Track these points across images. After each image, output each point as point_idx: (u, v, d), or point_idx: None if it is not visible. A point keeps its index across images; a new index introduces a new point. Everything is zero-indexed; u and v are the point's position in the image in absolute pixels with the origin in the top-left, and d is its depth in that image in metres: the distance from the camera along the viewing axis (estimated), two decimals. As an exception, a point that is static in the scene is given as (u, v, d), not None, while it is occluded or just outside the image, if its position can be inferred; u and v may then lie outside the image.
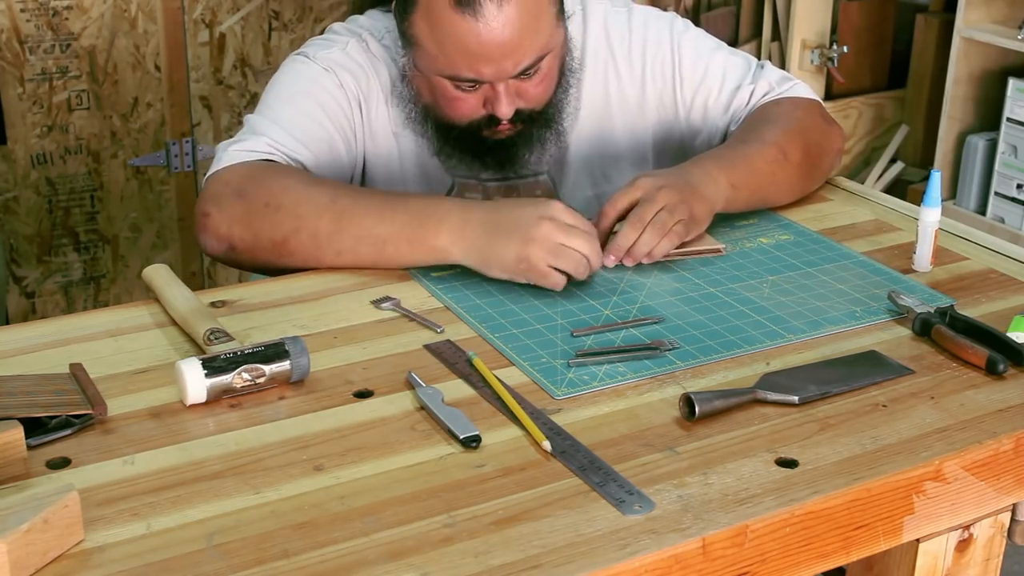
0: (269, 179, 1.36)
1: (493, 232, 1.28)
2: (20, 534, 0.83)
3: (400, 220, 1.31)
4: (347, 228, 1.31)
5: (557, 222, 1.26)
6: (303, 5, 2.98)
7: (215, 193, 1.37)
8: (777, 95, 1.58)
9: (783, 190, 1.51)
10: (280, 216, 1.32)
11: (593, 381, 1.11)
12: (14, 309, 2.84)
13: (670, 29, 1.60)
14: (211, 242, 1.36)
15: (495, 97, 1.40)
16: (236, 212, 1.34)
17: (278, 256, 1.34)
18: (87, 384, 1.08)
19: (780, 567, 0.95)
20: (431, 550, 0.88)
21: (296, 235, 1.32)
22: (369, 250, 1.31)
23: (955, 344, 1.17)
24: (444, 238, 1.29)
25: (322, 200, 1.33)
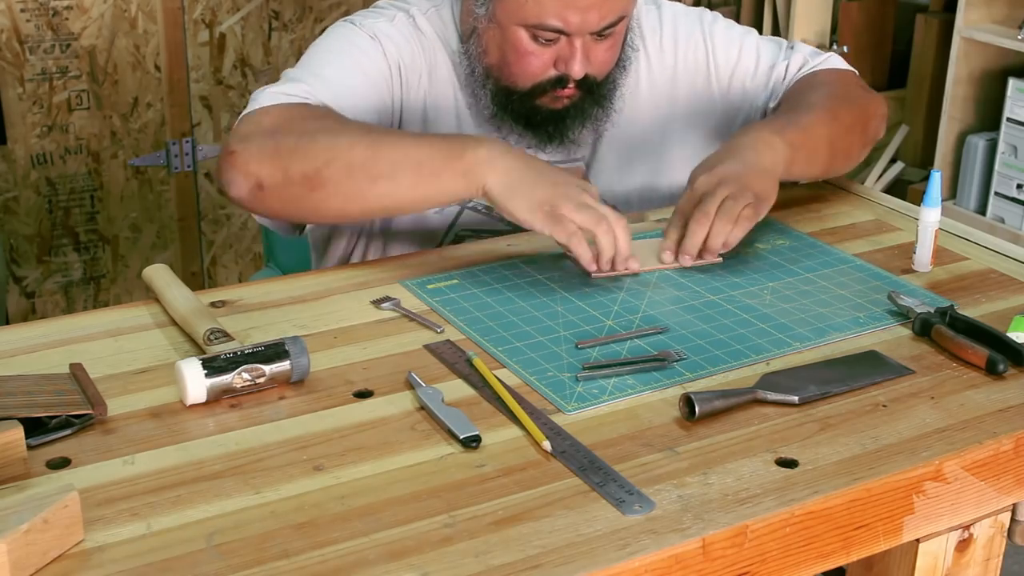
0: (303, 118, 1.34)
1: (529, 170, 1.28)
2: (20, 534, 0.83)
3: (438, 144, 1.30)
4: (382, 154, 1.28)
5: (591, 193, 1.28)
6: (303, 5, 2.98)
7: (244, 132, 1.34)
8: (812, 67, 1.59)
9: (840, 154, 1.49)
10: (314, 148, 1.29)
11: (603, 395, 1.09)
12: (14, 309, 2.84)
13: (700, 21, 1.62)
14: (237, 179, 1.31)
15: (570, 54, 1.41)
16: (266, 148, 1.31)
17: (310, 190, 1.29)
18: (87, 384, 1.08)
19: (780, 567, 0.95)
20: (431, 550, 0.88)
21: (329, 166, 1.28)
22: (405, 175, 1.28)
23: (955, 344, 1.17)
24: (482, 155, 1.27)
25: (356, 131, 1.31)
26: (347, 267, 1.43)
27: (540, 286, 1.31)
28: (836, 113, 1.47)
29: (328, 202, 1.31)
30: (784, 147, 1.38)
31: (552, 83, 1.45)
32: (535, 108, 1.47)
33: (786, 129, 1.40)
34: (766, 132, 1.39)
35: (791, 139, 1.39)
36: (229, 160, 1.32)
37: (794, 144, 1.39)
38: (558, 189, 1.27)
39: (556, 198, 1.26)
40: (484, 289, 1.31)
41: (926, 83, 3.32)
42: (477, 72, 1.49)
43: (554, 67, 1.43)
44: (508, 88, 1.47)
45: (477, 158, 1.27)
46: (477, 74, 1.49)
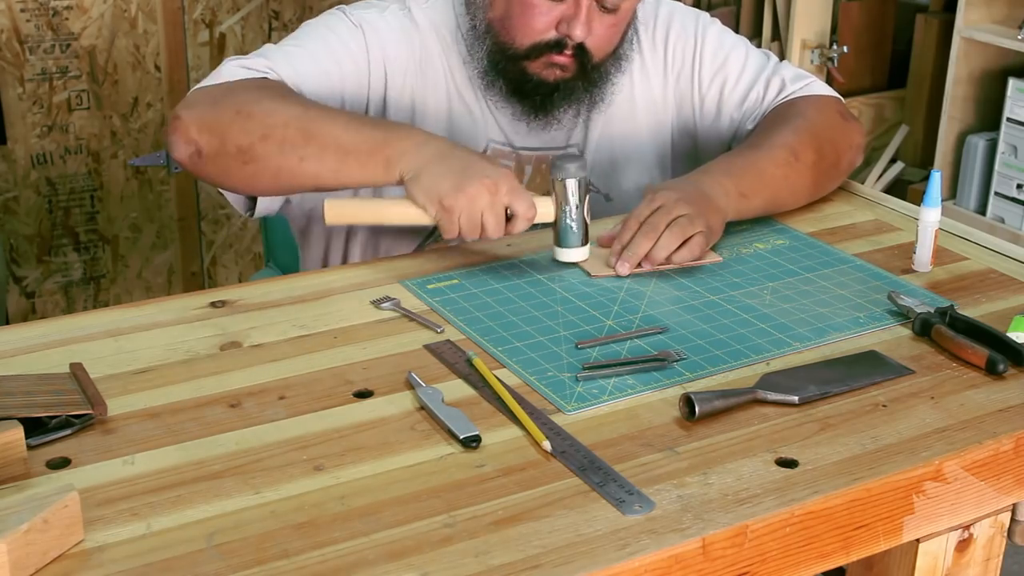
0: (249, 91, 1.38)
1: (441, 161, 1.30)
2: (20, 534, 0.83)
3: (366, 131, 1.34)
4: (314, 136, 1.32)
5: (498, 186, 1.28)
6: (303, 5, 2.98)
7: (192, 100, 1.39)
8: (790, 93, 1.59)
9: (797, 193, 1.50)
10: (250, 123, 1.33)
11: (603, 395, 1.09)
12: (14, 309, 2.84)
13: (696, 20, 1.63)
14: (179, 144, 1.36)
15: (574, 15, 1.43)
16: (207, 117, 1.35)
17: (242, 162, 1.34)
18: (87, 384, 1.08)
19: (780, 567, 0.95)
20: (431, 550, 0.88)
21: (263, 142, 1.33)
22: (332, 157, 1.32)
23: (955, 344, 1.17)
24: (405, 146, 1.31)
25: (294, 110, 1.35)
26: (347, 267, 1.43)
27: (540, 286, 1.31)
28: (799, 152, 1.47)
29: (258, 176, 1.36)
30: (735, 194, 1.40)
31: (550, 45, 1.46)
32: (526, 74, 1.48)
33: (742, 176, 1.43)
34: (722, 177, 1.41)
35: (744, 187, 1.42)
36: (173, 124, 1.37)
37: (746, 192, 1.42)
38: (460, 183, 1.27)
39: (454, 193, 1.27)
40: (484, 289, 1.31)
41: (926, 83, 3.32)
42: (478, 27, 1.50)
43: (556, 28, 1.45)
44: (504, 46, 1.48)
45: (399, 148, 1.31)
46: (478, 29, 1.51)
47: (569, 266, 1.36)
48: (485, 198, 1.27)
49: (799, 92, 1.59)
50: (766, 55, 1.64)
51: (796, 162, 1.47)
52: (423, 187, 1.28)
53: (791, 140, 1.48)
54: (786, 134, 1.49)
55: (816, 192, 1.54)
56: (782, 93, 1.59)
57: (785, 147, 1.47)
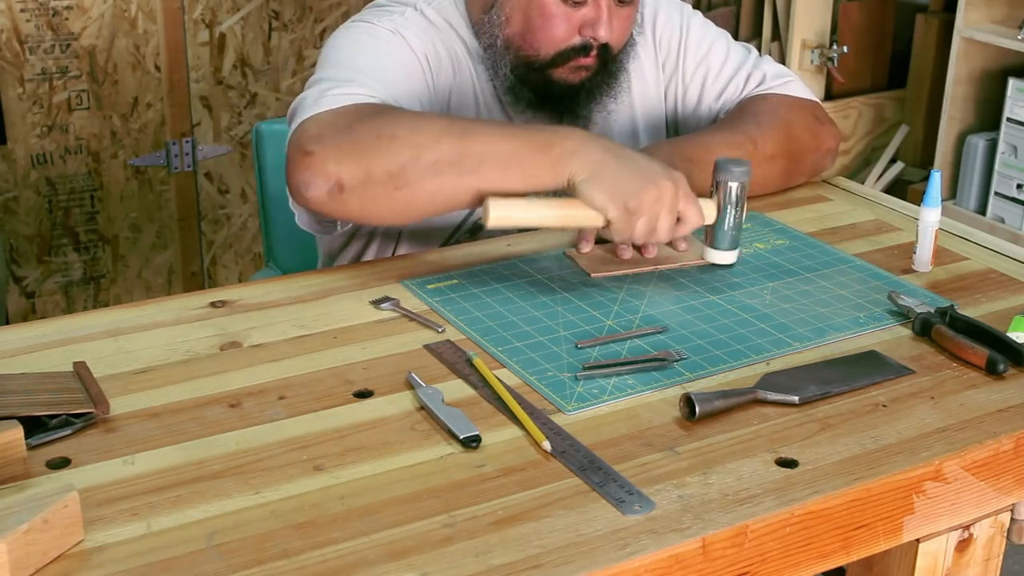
0: (376, 115, 1.30)
1: (618, 160, 1.25)
2: (20, 534, 0.83)
3: (524, 136, 1.28)
4: (470, 148, 1.26)
5: (677, 188, 1.25)
6: (303, 5, 2.98)
7: (315, 133, 1.28)
8: (767, 89, 1.59)
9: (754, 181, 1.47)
10: (396, 145, 1.25)
11: (603, 395, 1.09)
12: (14, 309, 2.84)
13: (680, 11, 1.64)
14: (316, 181, 1.25)
15: (596, 17, 1.43)
16: (344, 147, 1.26)
17: (395, 188, 1.25)
18: (90, 383, 1.08)
19: (780, 567, 0.95)
20: (431, 550, 0.88)
21: (415, 163, 1.25)
22: (492, 169, 1.25)
23: (955, 344, 1.17)
24: (570, 146, 1.25)
25: (440, 125, 1.28)
26: (347, 267, 1.43)
27: (540, 286, 1.31)
28: (758, 141, 1.47)
29: (414, 199, 1.27)
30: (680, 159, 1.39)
31: (575, 51, 1.45)
32: (552, 82, 1.48)
33: (686, 144, 1.43)
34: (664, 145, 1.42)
35: (688, 153, 1.41)
36: (305, 161, 1.27)
37: (691, 159, 1.40)
38: (644, 185, 1.24)
39: (640, 194, 1.23)
40: (484, 289, 1.31)
41: (926, 83, 3.32)
42: (498, 44, 1.49)
43: (579, 33, 1.45)
44: (528, 58, 1.47)
45: (565, 149, 1.25)
46: (498, 47, 1.49)
47: (568, 265, 1.36)
48: (667, 200, 1.24)
49: (777, 88, 1.60)
50: (747, 49, 1.65)
51: (754, 150, 1.47)
52: (603, 187, 1.23)
53: (753, 131, 1.48)
54: (748, 124, 1.50)
55: (773, 185, 1.54)
56: (761, 87, 1.60)
57: (743, 134, 1.47)
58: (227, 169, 3.02)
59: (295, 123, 1.33)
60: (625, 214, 1.23)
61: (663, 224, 1.25)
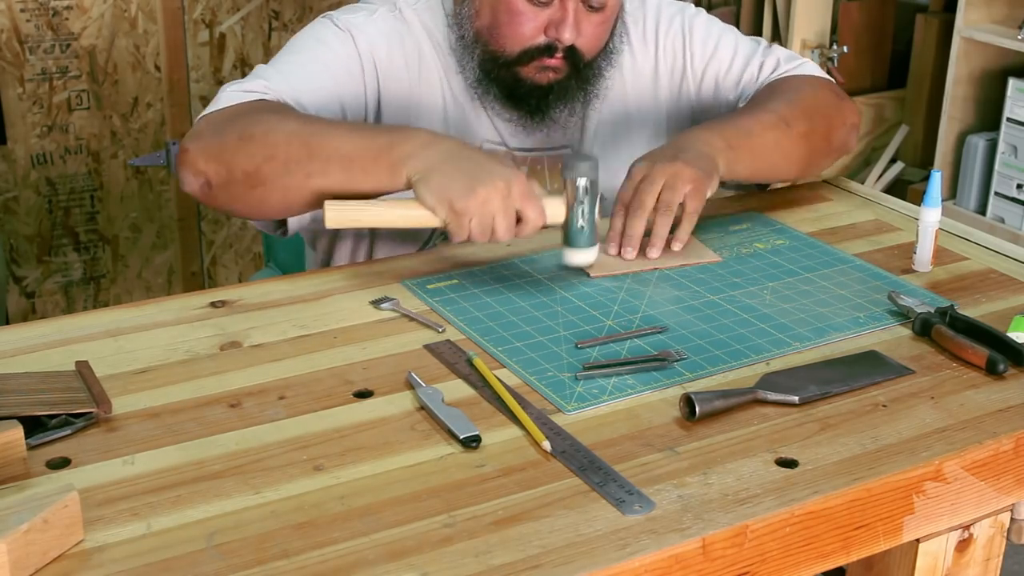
0: (248, 115, 1.36)
1: (451, 162, 1.27)
2: (20, 534, 0.83)
3: (369, 137, 1.32)
4: (317, 150, 1.30)
5: (510, 190, 1.25)
6: (303, 5, 2.98)
7: (197, 131, 1.37)
8: (783, 72, 1.59)
9: (790, 159, 1.49)
10: (252, 146, 1.32)
11: (603, 395, 1.09)
12: (14, 309, 2.84)
13: (681, 12, 1.64)
14: (188, 177, 1.35)
15: (562, 19, 1.43)
16: (212, 147, 1.34)
17: (251, 187, 1.33)
18: (92, 382, 1.08)
19: (780, 567, 0.95)
20: (431, 550, 0.88)
21: (268, 163, 1.31)
22: (337, 169, 1.30)
23: (955, 344, 1.17)
24: (408, 149, 1.28)
25: (293, 127, 1.33)
26: (347, 267, 1.43)
27: (540, 286, 1.31)
28: (790, 120, 1.47)
29: (268, 198, 1.34)
30: (721, 144, 1.40)
31: (540, 50, 1.46)
32: (519, 79, 1.48)
33: (725, 129, 1.43)
34: (704, 131, 1.42)
35: (729, 138, 1.41)
36: (181, 157, 1.36)
37: (732, 144, 1.41)
38: (472, 185, 1.24)
39: (466, 196, 1.24)
40: (484, 289, 1.31)
41: (926, 83, 3.32)
42: (467, 37, 1.50)
43: (544, 33, 1.45)
44: (494, 53, 1.48)
45: (403, 152, 1.28)
46: (466, 39, 1.50)
47: (573, 268, 1.35)
48: (497, 201, 1.24)
49: (793, 71, 1.60)
50: (756, 41, 1.65)
51: (787, 128, 1.47)
52: (433, 189, 1.25)
53: (782, 109, 1.48)
54: (777, 102, 1.49)
55: (809, 164, 1.53)
56: (776, 71, 1.59)
57: (774, 113, 1.47)
58: (227, 169, 3.01)
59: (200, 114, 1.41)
60: (453, 215, 1.25)
61: (498, 225, 1.25)
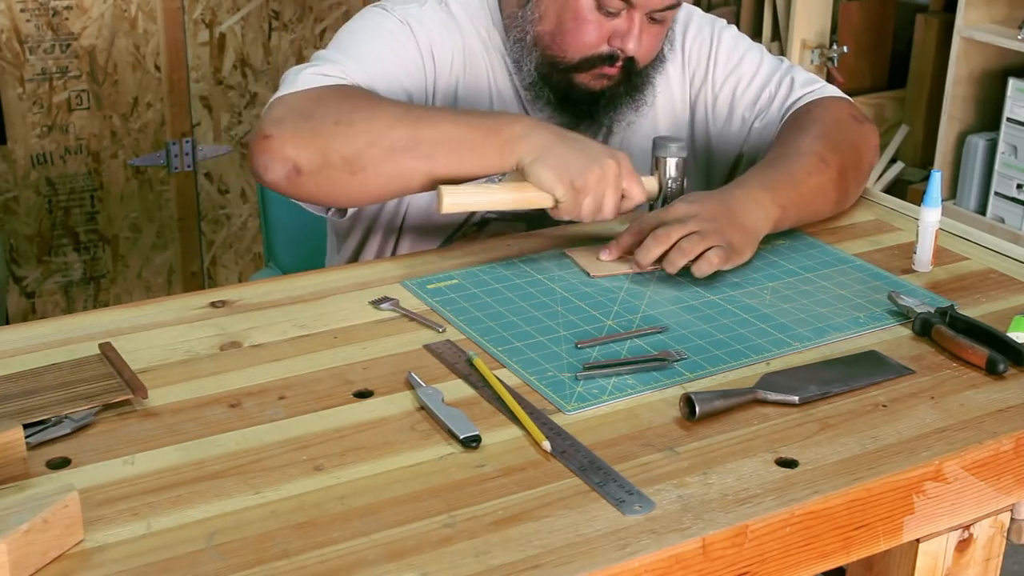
0: (339, 99, 1.35)
1: (562, 143, 1.31)
2: (20, 534, 0.83)
3: (475, 120, 1.33)
4: (423, 134, 1.31)
5: (621, 167, 1.31)
6: (303, 5, 2.98)
7: (278, 116, 1.33)
8: (800, 96, 1.58)
9: (830, 201, 1.47)
10: (352, 131, 1.30)
11: (603, 395, 1.09)
12: (14, 309, 2.84)
13: (712, 23, 1.64)
14: (274, 165, 1.30)
15: (627, 30, 1.44)
16: (302, 132, 1.31)
17: (350, 173, 1.31)
18: (122, 367, 1.08)
19: (780, 567, 0.95)
20: (431, 550, 0.88)
21: (370, 148, 1.30)
22: (444, 153, 1.31)
23: (955, 344, 1.17)
24: (518, 130, 1.30)
25: (396, 112, 1.33)
26: (347, 267, 1.43)
27: (540, 286, 1.31)
28: (827, 159, 1.44)
29: (368, 184, 1.32)
30: (773, 208, 1.37)
31: (602, 59, 1.46)
32: (574, 85, 1.49)
33: (778, 189, 1.39)
34: (758, 190, 1.37)
35: (782, 200, 1.38)
36: (263, 144, 1.31)
37: (784, 205, 1.38)
38: (588, 164, 1.29)
39: (585, 173, 1.28)
40: (484, 289, 1.31)
41: (926, 83, 3.32)
42: (528, 39, 1.50)
43: (608, 43, 1.46)
44: (554, 58, 1.48)
45: (512, 133, 1.30)
46: (526, 42, 1.50)
47: (568, 265, 1.36)
48: (611, 178, 1.29)
49: (810, 96, 1.58)
50: (780, 60, 1.64)
51: (827, 168, 1.44)
52: (551, 168, 1.28)
53: (817, 147, 1.45)
54: (810, 141, 1.46)
55: (844, 199, 1.50)
56: (792, 94, 1.58)
57: (814, 155, 1.44)
58: (227, 169, 3.02)
59: (272, 98, 1.38)
60: (572, 192, 1.28)
61: (608, 201, 1.30)
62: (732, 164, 1.63)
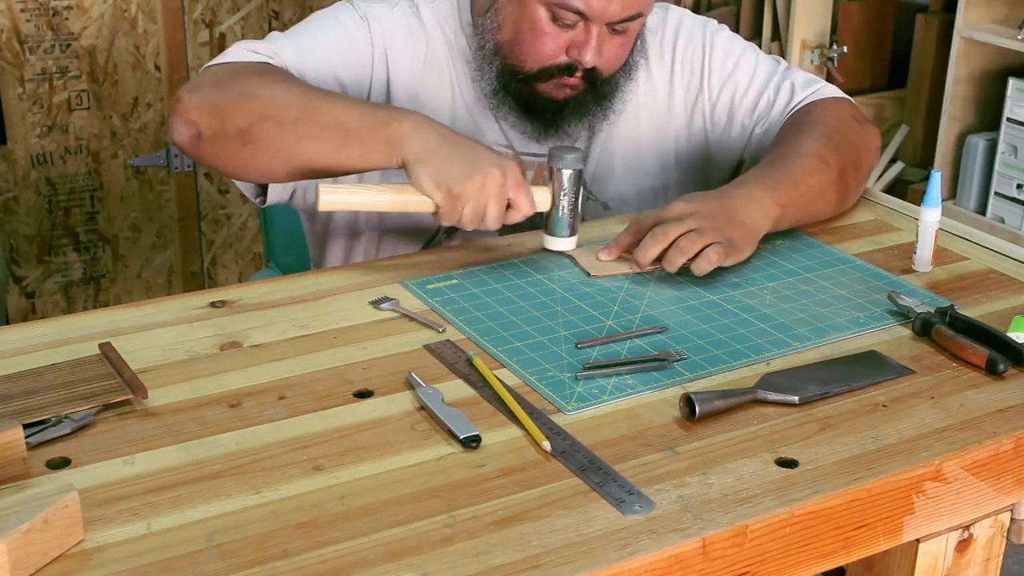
0: (254, 75, 1.37)
1: (450, 146, 1.28)
2: (20, 534, 0.83)
3: (367, 111, 1.33)
4: (313, 116, 1.31)
5: (505, 178, 1.27)
6: (303, 5, 2.98)
7: (196, 82, 1.38)
8: (801, 99, 1.57)
9: (830, 202, 1.47)
10: (251, 104, 1.33)
11: (603, 395, 1.09)
12: (14, 309, 2.84)
13: (704, 27, 1.63)
14: (179, 126, 1.35)
15: (584, 41, 1.43)
16: (209, 99, 1.35)
17: (241, 144, 1.33)
18: (122, 367, 1.08)
19: (780, 567, 0.95)
20: (431, 550, 0.88)
21: (262, 122, 1.32)
22: (331, 136, 1.30)
23: (955, 344, 1.17)
24: (406, 127, 1.28)
25: (295, 91, 1.35)
26: (347, 267, 1.43)
27: (540, 286, 1.31)
28: (828, 160, 1.44)
29: (256, 157, 1.34)
30: (773, 207, 1.37)
31: (560, 69, 1.46)
32: (536, 93, 1.48)
33: (777, 188, 1.39)
34: (757, 189, 1.37)
35: (781, 199, 1.38)
36: (175, 107, 1.36)
37: (784, 204, 1.38)
38: (470, 172, 1.26)
39: (464, 182, 1.25)
40: (484, 289, 1.31)
41: (926, 83, 3.32)
42: (487, 48, 1.50)
43: (566, 53, 1.45)
44: (514, 68, 1.48)
45: (400, 129, 1.29)
46: (486, 50, 1.50)
47: (568, 265, 1.36)
48: (493, 188, 1.26)
49: (811, 97, 1.57)
50: (776, 61, 1.63)
51: (828, 169, 1.44)
52: (430, 172, 1.26)
53: (817, 147, 1.45)
54: (811, 142, 1.46)
55: (845, 200, 1.50)
56: (794, 98, 1.57)
57: (815, 155, 1.44)
58: (227, 169, 3.02)
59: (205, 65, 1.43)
60: (450, 199, 1.26)
61: (491, 212, 1.27)
62: (733, 170, 1.62)
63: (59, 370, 1.10)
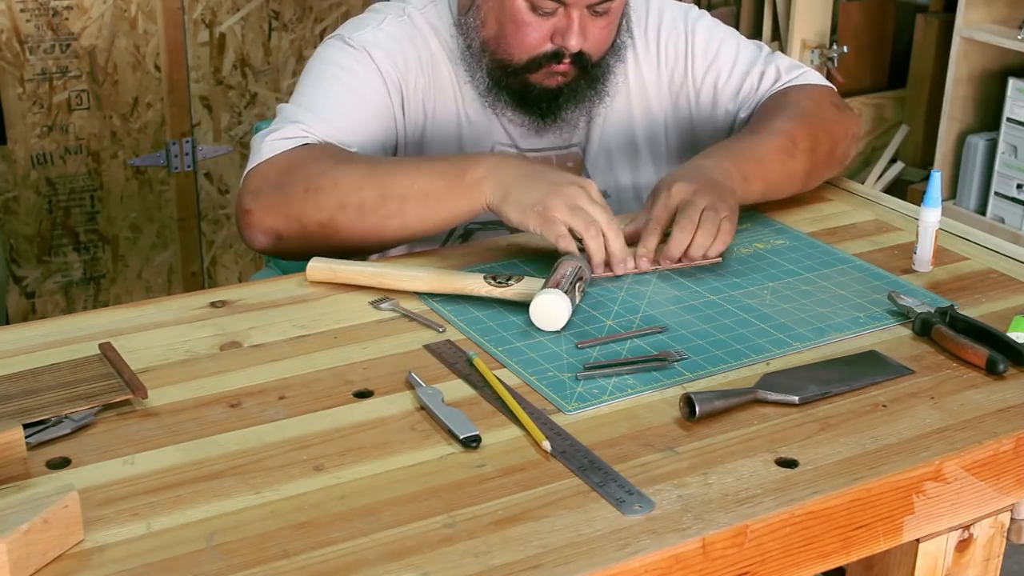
0: (305, 164, 1.37)
1: (525, 177, 1.31)
2: (20, 534, 0.83)
3: (439, 169, 1.34)
4: (390, 191, 1.33)
5: (587, 191, 1.30)
6: (303, 5, 2.98)
7: (254, 188, 1.38)
8: (785, 83, 1.59)
9: (794, 179, 1.50)
10: (321, 197, 1.33)
11: (603, 395, 1.09)
12: (14, 309, 2.84)
13: (685, 14, 1.64)
14: (257, 237, 1.37)
15: (567, 27, 1.43)
16: (277, 203, 1.35)
17: (327, 237, 1.35)
18: (122, 367, 1.08)
19: (780, 567, 0.95)
20: (431, 550, 0.88)
21: (342, 212, 1.33)
22: (414, 207, 1.33)
23: (955, 344, 1.17)
24: (480, 172, 1.32)
25: (360, 171, 1.35)
26: (347, 267, 1.43)
27: (540, 286, 1.31)
28: (796, 139, 1.47)
29: (347, 244, 1.36)
30: (739, 177, 1.40)
31: (548, 57, 1.46)
32: (529, 85, 1.49)
33: (741, 158, 1.42)
34: (724, 160, 1.41)
35: (746, 171, 1.41)
36: (245, 220, 1.37)
37: (747, 175, 1.41)
38: (552, 190, 1.28)
39: (549, 199, 1.28)
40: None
41: (926, 83, 3.32)
42: (474, 46, 1.51)
43: (551, 41, 1.45)
44: (503, 62, 1.48)
45: (476, 176, 1.31)
46: (474, 48, 1.51)
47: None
48: (582, 199, 1.28)
49: (793, 81, 1.60)
50: (758, 46, 1.65)
51: (793, 148, 1.47)
52: (514, 204, 1.29)
53: (788, 127, 1.48)
54: (782, 121, 1.49)
55: (811, 180, 1.54)
56: (777, 83, 1.59)
57: (782, 133, 1.47)
58: (227, 169, 3.02)
59: (246, 170, 1.41)
60: (543, 221, 1.28)
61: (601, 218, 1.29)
62: None
63: (59, 370, 1.10)
